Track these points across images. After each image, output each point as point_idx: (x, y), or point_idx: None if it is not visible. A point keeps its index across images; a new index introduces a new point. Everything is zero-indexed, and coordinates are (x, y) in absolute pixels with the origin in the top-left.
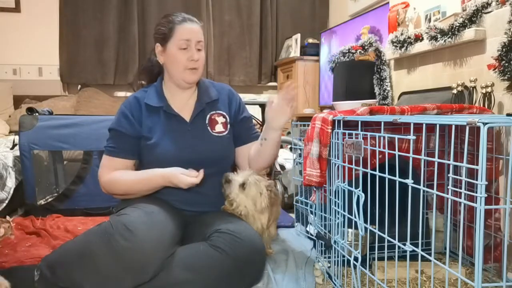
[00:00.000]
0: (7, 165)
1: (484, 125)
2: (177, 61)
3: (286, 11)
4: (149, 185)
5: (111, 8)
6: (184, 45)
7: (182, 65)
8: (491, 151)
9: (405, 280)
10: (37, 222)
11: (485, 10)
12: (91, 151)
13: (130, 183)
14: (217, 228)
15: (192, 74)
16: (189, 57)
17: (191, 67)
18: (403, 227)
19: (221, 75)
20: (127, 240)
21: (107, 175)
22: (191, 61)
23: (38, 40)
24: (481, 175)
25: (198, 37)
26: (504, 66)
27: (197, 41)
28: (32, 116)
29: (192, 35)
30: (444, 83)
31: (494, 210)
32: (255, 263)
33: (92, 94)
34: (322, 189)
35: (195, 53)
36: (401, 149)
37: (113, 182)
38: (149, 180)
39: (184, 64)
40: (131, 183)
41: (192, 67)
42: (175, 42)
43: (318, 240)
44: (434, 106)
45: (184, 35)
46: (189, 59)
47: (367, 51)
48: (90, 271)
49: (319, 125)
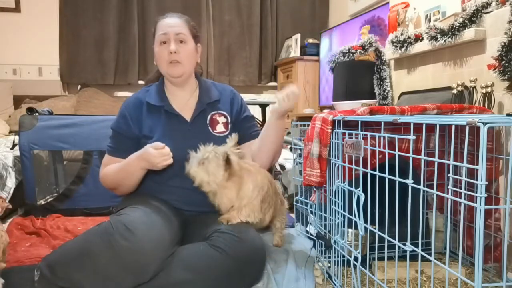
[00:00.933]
0: (7, 165)
1: (484, 125)
2: (159, 57)
3: (286, 11)
4: (128, 170)
5: (111, 8)
6: (163, 39)
7: (164, 60)
8: (491, 151)
9: (405, 280)
10: (37, 222)
11: (485, 10)
12: (91, 151)
13: (115, 173)
14: (217, 228)
15: (174, 67)
16: (169, 51)
17: (171, 60)
18: (403, 227)
19: (221, 75)
20: (127, 240)
21: (102, 172)
22: (169, 54)
23: (38, 40)
24: (481, 175)
25: (176, 29)
26: (504, 66)
27: (175, 34)
28: (32, 116)
29: (169, 28)
30: (444, 83)
31: (494, 210)
32: (255, 263)
33: (92, 94)
34: (322, 189)
35: (172, 45)
36: (401, 149)
37: (104, 176)
38: (128, 164)
39: (166, 59)
40: (115, 172)
41: (172, 59)
42: (157, 38)
43: (318, 240)
44: (434, 106)
45: (162, 29)
46: (168, 53)
47: (367, 51)
48: (90, 271)
49: (319, 125)
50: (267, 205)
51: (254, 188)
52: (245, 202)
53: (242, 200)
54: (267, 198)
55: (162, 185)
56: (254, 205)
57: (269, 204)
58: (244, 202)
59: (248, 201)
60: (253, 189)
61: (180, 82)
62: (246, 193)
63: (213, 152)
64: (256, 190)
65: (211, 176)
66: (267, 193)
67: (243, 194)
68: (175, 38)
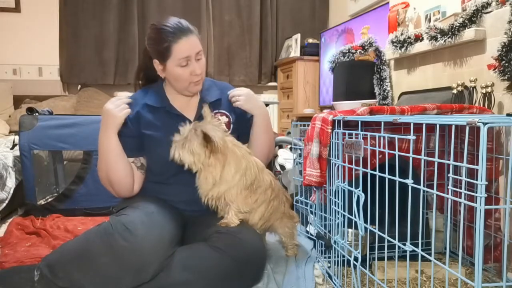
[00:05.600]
0: (7, 165)
1: (484, 125)
2: (180, 78)
3: (286, 11)
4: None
5: (111, 8)
6: (184, 63)
7: (186, 81)
8: (491, 151)
9: (405, 280)
10: (37, 222)
11: (485, 10)
12: (91, 151)
13: (99, 163)
14: (217, 229)
15: (196, 85)
16: (192, 72)
17: (196, 81)
18: (403, 227)
19: (221, 75)
20: (127, 240)
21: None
22: (194, 75)
23: (38, 40)
24: (481, 175)
25: (197, 48)
26: (504, 66)
27: (196, 53)
28: (32, 116)
29: (191, 50)
30: (444, 83)
31: (494, 210)
32: (255, 263)
33: (92, 94)
34: (322, 189)
35: (197, 68)
36: (401, 149)
37: (98, 172)
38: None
39: (188, 79)
40: (99, 160)
41: (196, 80)
42: (175, 61)
43: (318, 240)
44: (434, 106)
45: (183, 53)
46: (192, 74)
47: (367, 51)
48: (90, 271)
49: (319, 125)
50: (259, 199)
51: (236, 173)
52: (224, 188)
53: (220, 185)
54: (258, 190)
55: (162, 185)
56: (232, 194)
57: (263, 200)
58: (222, 188)
59: (228, 187)
60: (234, 173)
61: (194, 95)
62: (226, 177)
63: (192, 131)
64: (237, 175)
65: (195, 155)
66: (256, 184)
67: (223, 178)
68: (197, 57)
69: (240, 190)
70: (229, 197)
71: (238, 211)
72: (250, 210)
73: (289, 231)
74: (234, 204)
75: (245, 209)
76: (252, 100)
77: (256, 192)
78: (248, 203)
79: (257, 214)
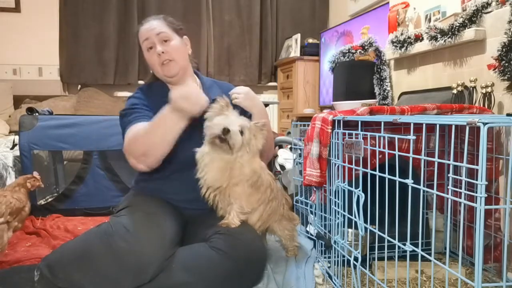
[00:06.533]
0: (7, 165)
1: (484, 125)
2: (151, 63)
3: (286, 11)
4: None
5: (111, 8)
6: (148, 45)
7: (156, 63)
8: (491, 151)
9: (405, 280)
10: (37, 222)
11: (485, 10)
12: (91, 151)
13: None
14: (217, 230)
15: (167, 66)
16: (157, 53)
17: (162, 61)
18: (403, 227)
19: (221, 75)
20: (127, 241)
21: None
22: (158, 56)
23: (38, 40)
24: (481, 175)
25: (156, 30)
26: (504, 66)
27: (156, 35)
28: (32, 116)
29: (149, 32)
30: (444, 83)
31: (494, 210)
32: (255, 264)
33: (92, 94)
34: (322, 189)
35: (158, 47)
36: (401, 149)
37: (132, 140)
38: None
39: (157, 62)
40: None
41: (163, 60)
42: (143, 47)
43: (318, 240)
44: (434, 106)
45: (143, 36)
46: (157, 55)
47: (367, 51)
48: (90, 272)
49: (319, 125)
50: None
51: (250, 172)
52: (234, 181)
53: (231, 178)
54: (261, 188)
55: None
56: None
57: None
58: (233, 181)
59: (238, 180)
60: (249, 173)
61: (179, 80)
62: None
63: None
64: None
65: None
66: (259, 181)
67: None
68: (159, 39)
69: (246, 187)
70: (234, 194)
71: (240, 211)
72: (251, 210)
73: (288, 233)
74: (237, 203)
75: (248, 208)
76: (251, 98)
77: (258, 190)
78: (251, 202)
79: (255, 215)
